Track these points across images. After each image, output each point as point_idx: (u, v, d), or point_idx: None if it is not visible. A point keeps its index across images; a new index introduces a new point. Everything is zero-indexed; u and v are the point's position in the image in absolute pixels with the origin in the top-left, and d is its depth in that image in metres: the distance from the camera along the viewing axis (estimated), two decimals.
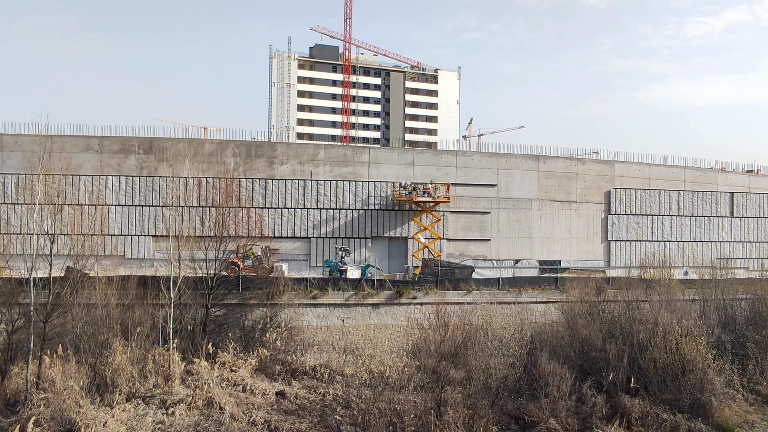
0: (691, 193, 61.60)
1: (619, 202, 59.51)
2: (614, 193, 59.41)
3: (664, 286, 43.12)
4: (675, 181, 61.32)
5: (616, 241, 59.40)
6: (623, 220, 59.61)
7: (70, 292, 35.12)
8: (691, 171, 62.41)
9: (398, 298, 44.53)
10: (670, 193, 60.97)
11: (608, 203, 59.36)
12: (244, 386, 34.57)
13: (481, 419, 32.02)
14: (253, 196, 51.97)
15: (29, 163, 47.05)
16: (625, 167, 60.43)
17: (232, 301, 40.90)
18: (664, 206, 60.75)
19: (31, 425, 28.84)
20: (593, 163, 60.23)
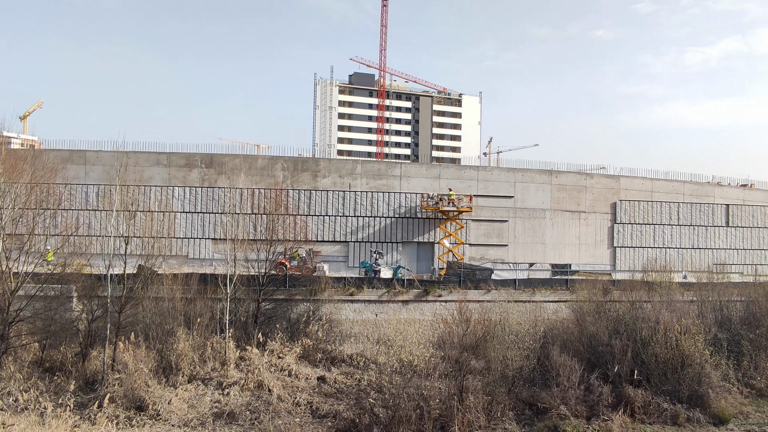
0: (690, 204, 60.33)
1: (624, 213, 58.51)
2: (620, 205, 58.45)
3: (664, 288, 42.19)
4: (675, 194, 60.12)
5: (621, 247, 58.37)
6: (628, 229, 58.59)
7: (141, 287, 35.62)
8: (689, 185, 61.14)
9: (425, 296, 44.35)
10: (671, 204, 59.80)
11: (614, 213, 58.40)
12: (290, 371, 34.73)
13: (498, 405, 31.70)
14: (299, 205, 52.32)
15: (108, 175, 48.08)
16: (630, 181, 59.46)
17: (279, 297, 41.12)
18: (665, 216, 59.60)
19: (107, 401, 29.47)
20: (600, 177, 59.38)
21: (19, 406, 28.31)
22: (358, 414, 30.21)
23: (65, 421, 26.35)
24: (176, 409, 29.76)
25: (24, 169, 34.97)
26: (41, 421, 26.16)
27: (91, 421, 27.88)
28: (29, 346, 33.91)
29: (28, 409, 27.82)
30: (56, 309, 34.78)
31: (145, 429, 27.81)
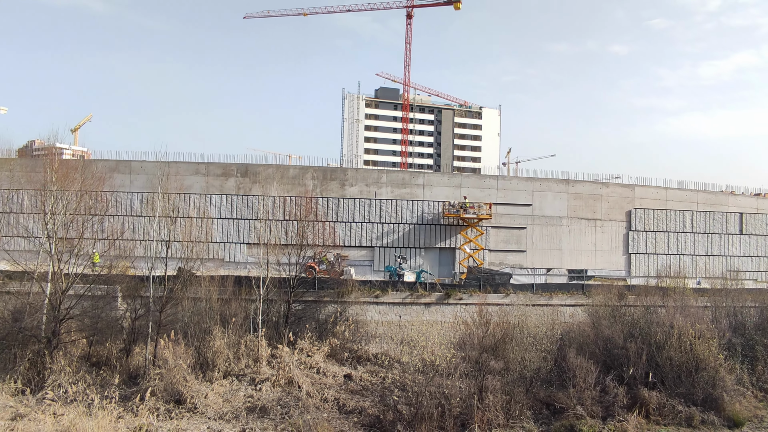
0: (704, 213, 59.09)
1: (638, 221, 57.55)
2: (634, 213, 57.51)
3: (679, 294, 41.35)
4: (689, 203, 58.95)
5: (636, 253, 57.38)
6: (642, 236, 57.59)
7: (181, 288, 36.05)
8: (703, 194, 59.91)
9: (447, 299, 44.14)
10: (685, 213, 58.64)
11: (629, 221, 57.48)
12: (318, 369, 34.76)
13: (516, 404, 31.36)
14: (328, 212, 52.55)
15: (151, 183, 48.88)
16: (644, 190, 58.50)
17: (309, 298, 41.29)
18: (679, 224, 58.45)
19: (149, 394, 29.72)
20: (616, 187, 58.53)
21: (69, 397, 28.74)
22: (382, 410, 30.16)
23: (110, 413, 26.71)
24: (212, 403, 29.98)
25: (75, 178, 35.63)
26: (88, 412, 26.57)
27: (134, 412, 28.21)
28: (78, 342, 34.51)
29: (76, 401, 28.24)
30: (103, 308, 35.40)
31: (183, 421, 28.05)
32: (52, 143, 64.33)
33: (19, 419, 26.17)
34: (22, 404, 27.88)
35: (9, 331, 32.71)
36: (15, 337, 32.32)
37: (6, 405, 27.36)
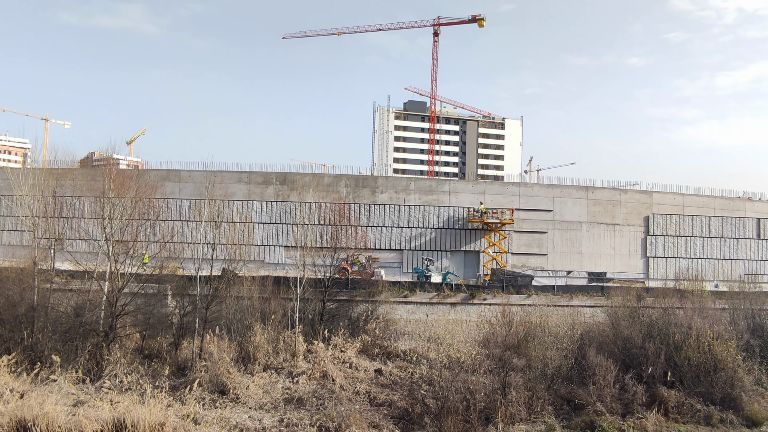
0: (721, 218, 57.23)
1: (656, 225, 56.12)
2: (652, 218, 56.10)
3: (696, 296, 39.99)
4: (706, 208, 57.19)
5: (653, 257, 55.93)
6: (660, 240, 56.12)
7: (225, 287, 36.39)
8: (720, 200, 58.02)
9: (471, 299, 43.72)
10: (702, 218, 56.90)
11: (647, 226, 56.09)
12: (351, 364, 34.70)
13: (538, 400, 30.80)
14: (360, 217, 52.69)
15: (198, 191, 49.79)
16: (662, 196, 57.02)
17: (342, 298, 41.33)
18: (696, 229, 56.74)
19: (195, 385, 30.08)
20: (634, 193, 57.23)
21: (124, 386, 29.30)
22: (411, 404, 29.99)
23: (161, 401, 27.03)
24: (253, 394, 30.19)
25: (130, 186, 36.25)
26: (141, 400, 26.89)
27: (182, 401, 28.56)
28: (132, 336, 35.14)
29: (130, 390, 28.69)
30: (154, 305, 36.12)
31: (226, 410, 28.30)
32: (110, 154, 65.95)
33: (80, 405, 26.74)
34: (83, 392, 28.46)
35: (71, 325, 33.60)
36: (77, 331, 33.14)
37: (69, 392, 27.95)
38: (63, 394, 27.48)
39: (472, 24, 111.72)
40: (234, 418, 27.03)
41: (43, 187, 36.61)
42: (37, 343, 31.85)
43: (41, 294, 33.72)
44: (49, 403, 25.55)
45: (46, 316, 33.43)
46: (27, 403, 25.50)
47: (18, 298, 33.30)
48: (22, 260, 37.24)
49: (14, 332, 31.98)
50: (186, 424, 25.30)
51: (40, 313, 33.17)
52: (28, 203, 35.36)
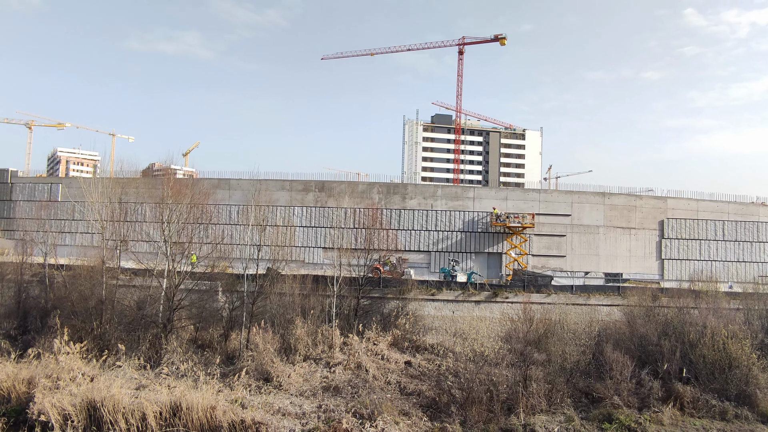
0: (735, 222, 55.03)
1: (671, 229, 54.35)
2: (667, 222, 54.38)
3: (711, 297, 38.29)
4: (720, 213, 55.08)
5: (668, 259, 54.18)
6: (675, 243, 54.31)
7: (269, 285, 36.71)
8: (734, 205, 55.82)
9: (494, 298, 43.13)
10: (716, 222, 54.84)
11: (662, 230, 54.39)
12: (382, 356, 34.54)
13: (558, 392, 30.04)
14: (391, 221, 52.72)
15: (246, 198, 50.65)
16: (676, 202, 55.21)
17: (375, 295, 41.30)
18: (710, 233, 54.70)
19: (243, 373, 30.37)
20: (649, 199, 55.57)
21: (180, 373, 29.78)
22: (438, 393, 29.71)
23: (212, 387, 27.45)
24: (294, 382, 30.32)
25: (185, 194, 36.86)
26: (195, 386, 27.32)
27: (231, 387, 28.84)
28: (187, 328, 35.70)
29: (185, 376, 29.17)
30: (207, 300, 36.66)
31: (270, 396, 28.51)
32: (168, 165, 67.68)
33: (141, 389, 27.25)
34: (144, 377, 28.95)
35: (134, 317, 34.32)
36: (139, 322, 33.84)
37: (132, 377, 28.54)
38: (127, 378, 28.07)
39: (495, 43, 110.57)
40: (277, 404, 27.20)
41: (110, 195, 37.49)
42: (104, 333, 32.62)
43: (108, 289, 34.42)
44: (115, 386, 26.23)
45: (113, 309, 34.14)
46: (96, 386, 26.25)
47: (89, 293, 34.13)
48: (92, 259, 38.12)
49: (86, 323, 32.87)
50: (234, 408, 25.56)
51: (107, 306, 33.86)
52: (97, 209, 36.41)
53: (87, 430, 25.17)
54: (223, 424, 24.62)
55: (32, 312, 35.79)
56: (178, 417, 25.12)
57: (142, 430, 24.96)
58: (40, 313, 35.41)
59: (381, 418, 25.50)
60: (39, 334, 33.26)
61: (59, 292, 36.38)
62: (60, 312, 33.70)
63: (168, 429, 25.02)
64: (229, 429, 24.51)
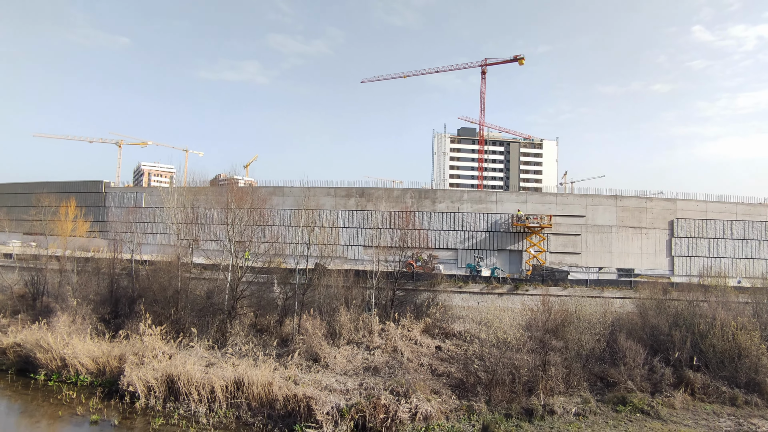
0: (743, 222, 51.98)
1: (680, 229, 51.88)
2: (676, 222, 51.94)
3: (720, 291, 36.17)
4: (728, 213, 52.18)
5: (678, 256, 51.73)
6: (684, 242, 51.80)
7: (317, 278, 37.01)
8: (742, 206, 52.76)
9: (515, 290, 42.24)
10: (724, 222, 51.95)
11: (671, 229, 51.99)
12: (416, 341, 34.36)
13: (575, 376, 29.06)
14: (422, 223, 52.50)
15: (297, 203, 51.57)
16: (685, 203, 52.66)
17: (408, 288, 41.11)
18: (719, 232, 51.87)
19: (295, 354, 30.75)
20: (659, 200, 53.23)
21: (242, 353, 30.37)
22: (465, 375, 29.29)
23: (269, 366, 27.90)
24: (339, 363, 30.46)
25: (246, 200, 37.63)
26: (255, 364, 27.88)
27: (285, 366, 29.27)
28: (248, 314, 36.22)
29: (247, 356, 29.73)
30: (264, 291, 37.23)
31: (318, 374, 28.78)
32: (231, 176, 69.41)
33: (210, 366, 28.01)
34: (212, 356, 29.72)
35: (204, 305, 35.19)
36: (208, 310, 34.68)
37: (202, 356, 29.37)
38: (198, 357, 28.89)
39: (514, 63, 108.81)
40: (324, 381, 27.44)
41: (184, 201, 38.68)
42: (180, 318, 33.55)
43: (183, 281, 35.35)
44: (189, 363, 27.13)
45: (187, 297, 35.04)
46: (174, 363, 27.21)
47: (167, 284, 35.19)
48: (169, 256, 39.27)
49: (165, 309, 33.94)
50: (288, 384, 25.94)
51: (182, 296, 34.79)
52: (174, 213, 37.70)
53: (167, 399, 26.13)
54: (279, 397, 25.02)
55: (122, 300, 37.16)
56: (241, 391, 25.72)
57: (211, 401, 25.70)
58: (128, 300, 36.70)
59: (415, 396, 25.35)
60: (127, 318, 34.48)
61: (143, 283, 37.58)
62: (144, 300, 34.90)
63: (232, 401, 25.65)
64: (283, 402, 24.90)
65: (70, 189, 66.09)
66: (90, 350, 30.13)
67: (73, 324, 32.89)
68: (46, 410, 25.93)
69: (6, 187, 77.22)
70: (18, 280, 41.33)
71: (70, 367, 29.79)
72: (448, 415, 24.99)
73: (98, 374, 29.48)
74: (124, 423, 24.43)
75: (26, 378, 30.14)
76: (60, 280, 39.08)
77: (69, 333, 31.75)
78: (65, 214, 44.91)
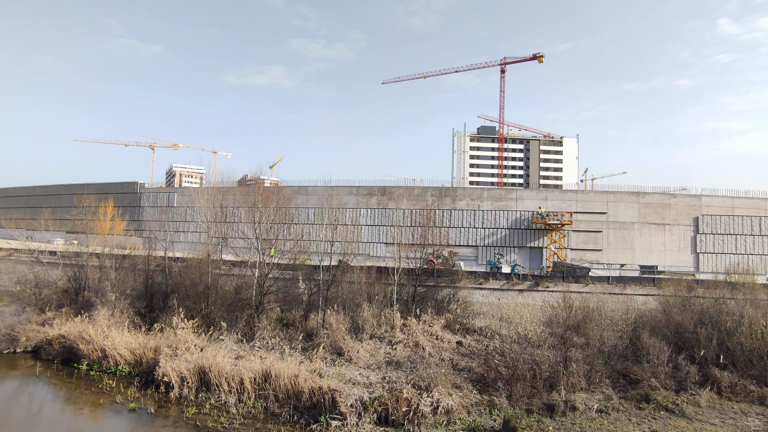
0: None
1: (706, 225, 50.03)
2: (702, 218, 50.09)
3: (748, 288, 34.70)
4: (756, 209, 49.99)
5: (703, 253, 49.89)
6: (709, 238, 49.92)
7: (340, 274, 37.11)
8: None
9: (536, 287, 41.58)
10: (752, 218, 49.78)
11: (696, 226, 50.18)
12: (437, 336, 34.13)
13: (596, 373, 28.32)
14: (443, 220, 52.16)
15: (320, 202, 51.96)
16: (711, 199, 50.74)
17: (429, 284, 40.88)
18: (746, 228, 49.79)
19: (320, 348, 30.96)
20: (683, 197, 51.44)
21: (269, 346, 30.78)
22: (486, 370, 28.97)
23: (295, 359, 28.16)
24: (362, 356, 30.51)
25: (272, 199, 38.01)
26: (281, 357, 28.21)
27: (310, 360, 29.49)
28: (274, 309, 36.57)
29: (274, 349, 30.12)
30: (290, 286, 37.55)
31: (342, 368, 28.90)
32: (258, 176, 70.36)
33: (239, 358, 28.44)
34: (241, 349, 30.18)
35: (233, 300, 35.70)
36: (236, 305, 35.14)
37: (231, 349, 29.86)
38: (228, 350, 29.39)
39: (534, 61, 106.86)
40: (348, 374, 27.53)
41: (213, 201, 39.32)
42: (210, 313, 34.15)
43: (213, 277, 35.96)
44: (219, 355, 27.66)
45: (216, 293, 35.60)
46: (205, 355, 27.80)
47: (198, 280, 35.86)
48: (200, 253, 40.03)
49: (196, 304, 34.60)
50: (313, 377, 26.13)
51: (212, 291, 35.37)
52: (204, 212, 38.46)
53: (199, 390, 26.73)
54: (304, 389, 25.26)
55: (156, 294, 38.08)
56: (268, 382, 26.06)
57: (240, 392, 26.17)
58: (162, 295, 37.58)
59: (436, 390, 25.23)
60: (162, 312, 35.32)
61: (176, 279, 38.40)
62: (177, 295, 35.68)
63: (260, 392, 26.05)
64: (309, 394, 25.12)
65: (108, 190, 68.30)
66: (127, 342, 31.07)
67: (112, 317, 33.99)
68: (88, 398, 26.89)
69: (50, 188, 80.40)
70: (62, 276, 42.96)
71: (109, 358, 30.80)
72: (469, 410, 24.77)
73: (135, 365, 30.38)
74: (159, 411, 25.11)
75: (70, 367, 31.33)
76: (100, 276, 40.42)
77: (108, 326, 32.82)
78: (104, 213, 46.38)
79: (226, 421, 23.83)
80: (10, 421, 24.09)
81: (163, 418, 24.43)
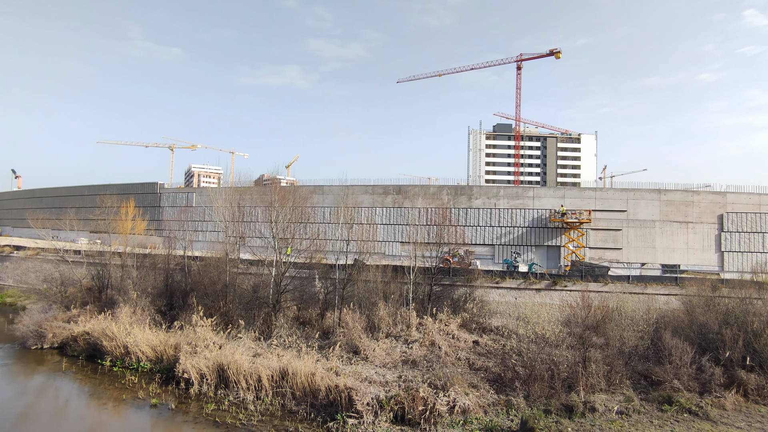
0: None
1: (731, 223, 48.56)
2: (726, 216, 48.65)
3: None
4: None
5: (728, 251, 48.45)
6: (735, 237, 48.45)
7: (356, 273, 37.20)
8: None
9: (554, 286, 40.96)
10: None
11: (721, 224, 48.74)
12: (453, 335, 33.93)
13: (616, 374, 27.74)
14: (459, 219, 51.80)
15: (336, 201, 52.11)
16: (736, 196, 49.23)
17: (445, 283, 40.67)
18: None
19: (337, 346, 31.08)
20: (707, 194, 50.03)
21: (286, 344, 31.06)
22: (503, 370, 28.69)
23: (312, 357, 28.37)
24: (378, 355, 30.53)
25: (288, 198, 38.23)
26: (298, 356, 28.43)
27: (327, 358, 29.65)
28: (291, 308, 36.90)
29: (291, 347, 30.37)
30: (306, 285, 37.77)
31: (358, 366, 28.96)
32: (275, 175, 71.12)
33: (257, 356, 28.79)
34: (259, 346, 30.51)
35: (250, 299, 36.04)
36: (254, 303, 35.47)
37: (250, 347, 30.19)
38: (246, 347, 29.73)
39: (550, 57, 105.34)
40: (364, 373, 27.57)
41: (231, 201, 39.89)
42: (228, 311, 34.62)
43: (231, 276, 36.41)
44: (237, 353, 28.00)
45: (234, 291, 36.05)
46: (223, 353, 28.18)
47: (216, 279, 36.36)
48: (218, 252, 40.57)
49: (214, 302, 35.13)
50: (330, 375, 26.24)
51: (230, 290, 35.82)
52: (221, 212, 39.00)
53: (218, 386, 27.12)
54: (321, 387, 25.39)
55: (176, 293, 38.74)
56: (286, 380, 26.28)
57: (258, 389, 26.45)
58: (182, 293, 38.21)
59: (453, 389, 25.08)
60: (181, 310, 35.93)
61: (195, 277, 38.97)
62: (196, 293, 36.25)
63: (278, 389, 26.29)
64: (326, 392, 25.25)
65: (129, 190, 69.81)
66: (149, 339, 31.70)
67: (133, 315, 34.72)
68: (111, 393, 27.53)
69: (74, 189, 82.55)
70: (86, 275, 44.08)
71: (132, 355, 31.48)
72: (486, 409, 24.56)
73: (156, 361, 30.97)
74: (180, 407, 25.55)
75: (94, 363, 32.13)
76: (122, 275, 41.34)
77: (130, 323, 33.54)
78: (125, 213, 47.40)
79: (245, 418, 24.11)
80: (37, 416, 24.83)
81: (183, 414, 24.85)
